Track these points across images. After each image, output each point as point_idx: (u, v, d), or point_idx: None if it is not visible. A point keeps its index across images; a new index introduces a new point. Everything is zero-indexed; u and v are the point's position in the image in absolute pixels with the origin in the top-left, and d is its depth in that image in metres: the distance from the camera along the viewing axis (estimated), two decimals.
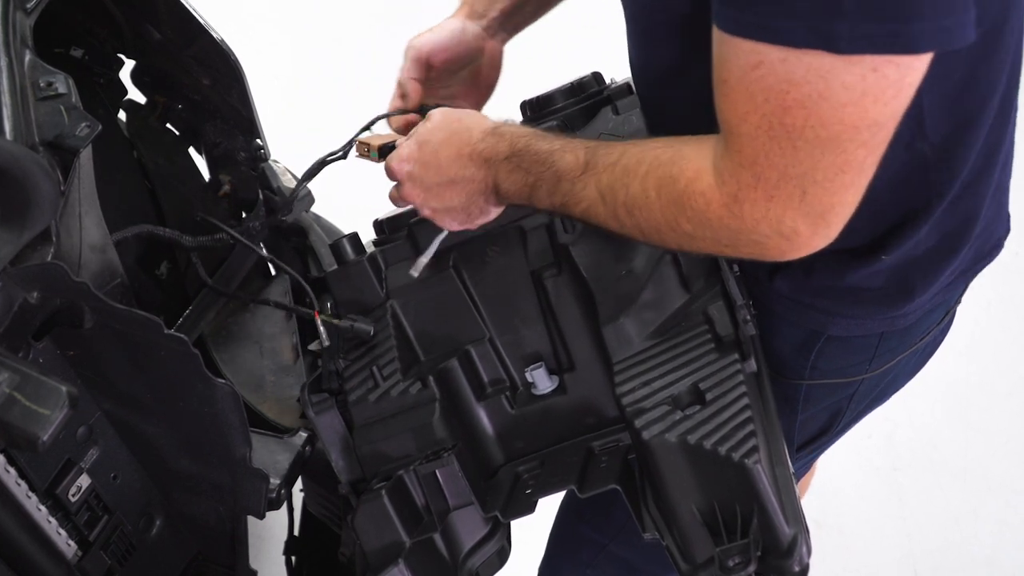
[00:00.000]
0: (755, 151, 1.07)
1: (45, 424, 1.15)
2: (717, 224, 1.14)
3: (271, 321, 2.05)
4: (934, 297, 1.42)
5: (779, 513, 1.22)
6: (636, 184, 1.20)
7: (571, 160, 1.27)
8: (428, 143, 1.37)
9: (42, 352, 1.36)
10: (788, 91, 1.02)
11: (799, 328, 1.43)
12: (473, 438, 1.48)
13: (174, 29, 1.88)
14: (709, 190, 1.13)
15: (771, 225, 1.11)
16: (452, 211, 1.39)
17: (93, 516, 1.49)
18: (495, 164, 1.33)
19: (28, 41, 1.49)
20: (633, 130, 1.44)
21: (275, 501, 1.58)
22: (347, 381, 1.50)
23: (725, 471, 1.22)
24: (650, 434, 1.25)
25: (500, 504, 1.40)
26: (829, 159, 1.05)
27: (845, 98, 1.00)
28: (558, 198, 1.28)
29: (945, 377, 2.96)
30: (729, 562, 1.19)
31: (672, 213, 1.18)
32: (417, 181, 1.38)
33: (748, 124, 1.06)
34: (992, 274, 1.57)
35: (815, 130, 1.03)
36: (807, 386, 1.49)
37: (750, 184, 1.09)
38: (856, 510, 2.73)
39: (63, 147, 1.38)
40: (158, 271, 2.06)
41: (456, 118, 1.38)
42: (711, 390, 1.27)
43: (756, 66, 1.02)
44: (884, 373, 1.51)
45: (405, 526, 1.40)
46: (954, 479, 2.77)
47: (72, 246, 1.39)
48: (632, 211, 1.21)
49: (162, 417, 1.48)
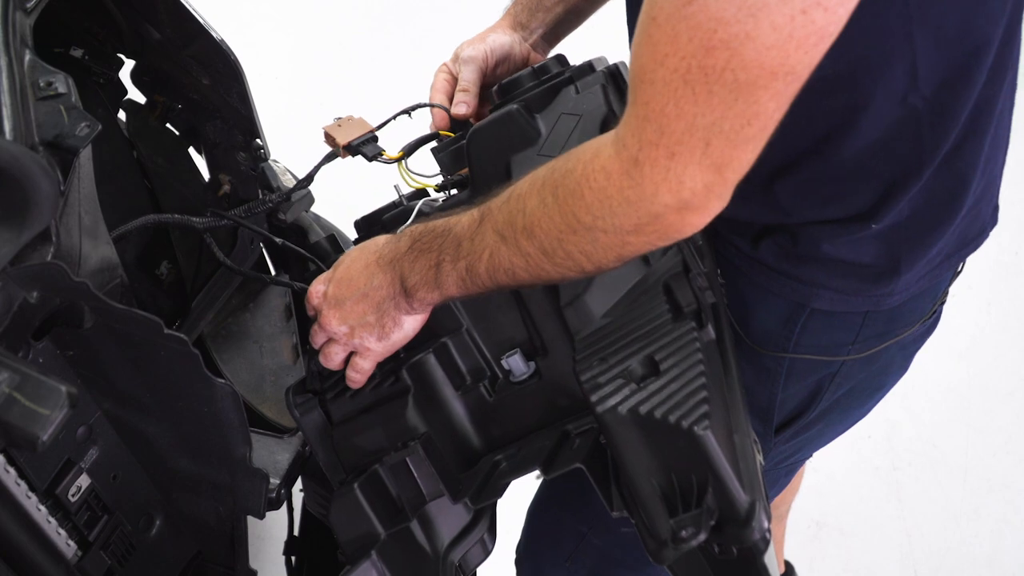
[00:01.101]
0: (664, 99, 1.06)
1: (45, 424, 1.14)
2: (617, 199, 1.13)
3: (271, 321, 2.05)
4: (920, 280, 1.42)
5: (734, 480, 1.19)
6: (532, 200, 1.20)
7: (466, 220, 1.28)
8: (341, 263, 1.42)
9: (42, 352, 1.36)
10: (716, 29, 1.01)
11: (783, 300, 1.43)
12: (451, 429, 1.48)
13: (174, 29, 1.88)
14: (608, 162, 1.12)
15: (671, 188, 1.09)
16: (368, 326, 1.40)
17: (93, 516, 1.49)
18: (399, 262, 1.35)
19: (28, 41, 1.49)
20: (593, 106, 1.43)
21: (275, 501, 1.58)
22: (327, 380, 1.51)
23: (677, 440, 1.19)
24: (603, 408, 1.23)
25: (471, 490, 1.40)
26: (740, 107, 1.04)
27: (771, 39, 1.00)
28: (462, 263, 1.28)
29: (945, 377, 2.97)
30: (682, 533, 1.16)
31: (570, 208, 1.16)
32: (332, 301, 1.41)
33: (665, 68, 1.05)
34: (992, 275, 1.58)
35: (735, 73, 1.02)
36: (790, 360, 1.48)
37: (652, 141, 1.08)
38: (856, 510, 2.73)
39: (63, 147, 1.37)
40: (158, 271, 2.06)
41: (368, 241, 1.43)
42: (665, 360, 1.25)
43: (688, 3, 1.01)
44: (868, 360, 1.50)
45: (380, 519, 1.41)
46: (954, 479, 2.77)
47: (72, 246, 1.39)
48: (532, 232, 1.21)
49: (162, 417, 1.48)
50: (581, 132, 1.41)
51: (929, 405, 2.91)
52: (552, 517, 1.81)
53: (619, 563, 1.73)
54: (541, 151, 1.42)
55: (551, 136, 1.43)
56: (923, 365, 2.84)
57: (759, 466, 1.27)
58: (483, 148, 1.46)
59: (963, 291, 3.06)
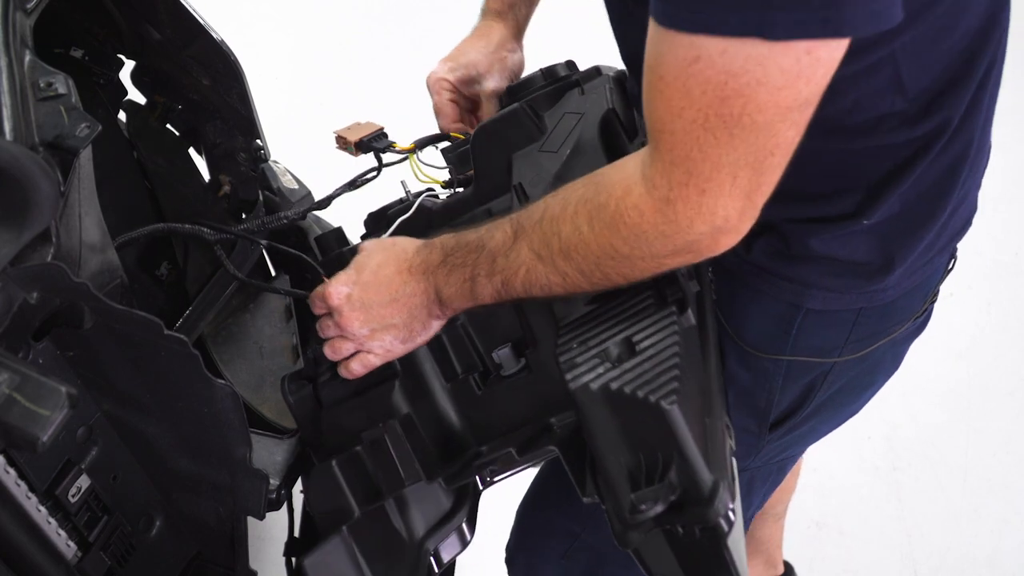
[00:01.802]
0: (688, 146, 1.09)
1: (45, 425, 1.14)
2: (653, 234, 1.17)
3: (271, 322, 2.05)
4: (913, 275, 1.43)
5: (699, 458, 1.19)
6: (567, 226, 1.23)
7: (500, 236, 1.30)
8: (366, 266, 1.41)
9: (42, 352, 1.36)
10: (727, 81, 1.04)
11: (778, 301, 1.43)
12: (438, 419, 1.49)
13: (174, 29, 1.88)
14: (640, 200, 1.16)
15: (705, 219, 1.13)
16: (393, 328, 1.42)
17: (93, 517, 1.49)
18: (433, 273, 1.37)
19: (28, 41, 1.49)
20: (595, 106, 1.45)
21: (275, 501, 1.58)
22: (320, 365, 1.53)
23: (644, 415, 1.19)
24: (576, 385, 1.24)
25: (447, 474, 1.42)
26: (762, 142, 1.08)
27: (781, 81, 1.03)
28: (497, 278, 1.31)
29: (945, 377, 2.97)
30: (641, 506, 1.17)
31: (607, 239, 1.20)
32: (356, 303, 1.41)
33: (683, 119, 1.08)
34: (991, 275, 1.58)
35: (752, 116, 1.05)
36: (787, 362, 1.49)
37: (682, 181, 1.12)
38: (856, 510, 2.72)
39: (63, 147, 1.37)
40: (159, 272, 2.06)
41: (390, 242, 1.42)
42: (642, 342, 1.26)
43: (694, 60, 1.04)
44: (860, 359, 1.51)
45: (357, 498, 1.42)
46: (954, 479, 2.77)
47: (72, 246, 1.39)
48: (569, 254, 1.24)
49: (162, 417, 1.48)
50: (580, 129, 1.42)
51: (929, 405, 2.90)
52: (542, 515, 1.81)
53: (612, 561, 1.72)
54: (542, 148, 1.43)
55: (552, 134, 1.44)
56: (923, 365, 2.86)
57: (729, 450, 1.28)
58: (486, 144, 1.48)
59: (963, 291, 3.07)
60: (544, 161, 1.43)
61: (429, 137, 1.62)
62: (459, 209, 1.49)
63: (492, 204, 1.48)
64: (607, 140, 1.42)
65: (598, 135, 1.41)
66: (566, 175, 1.40)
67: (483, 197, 1.48)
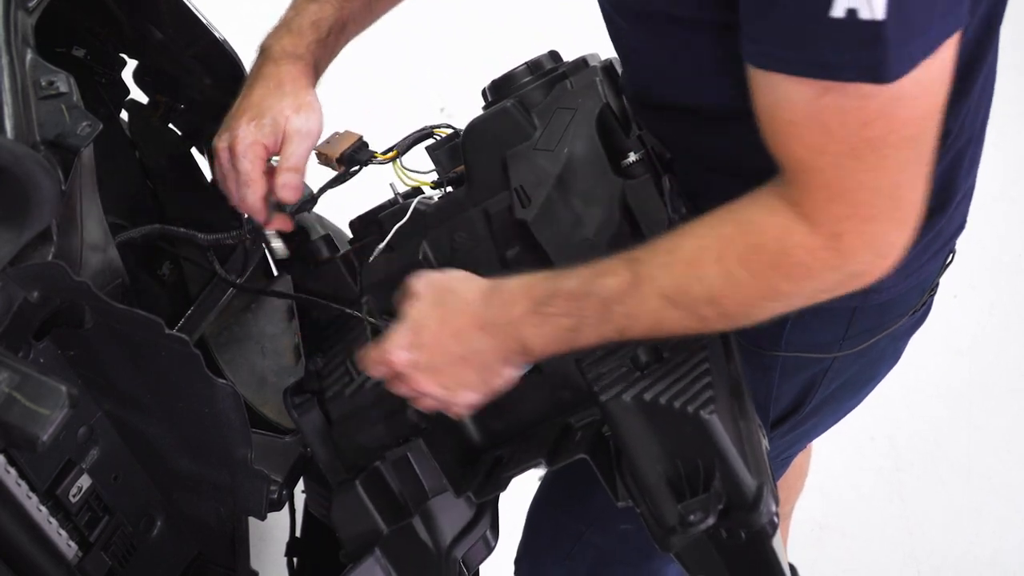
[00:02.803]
0: (841, 178, 1.07)
1: (45, 424, 1.14)
2: (820, 268, 1.12)
3: (273, 322, 2.05)
4: (908, 278, 1.42)
5: (741, 464, 1.20)
6: (712, 269, 1.15)
7: (613, 283, 1.19)
8: (425, 327, 1.28)
9: (42, 352, 1.36)
10: (863, 107, 1.02)
11: None
12: (451, 425, 1.47)
13: (176, 29, 1.88)
14: (806, 239, 1.10)
15: (872, 247, 1.11)
16: (468, 385, 1.30)
17: (94, 517, 1.48)
18: (514, 326, 1.24)
19: (30, 40, 1.49)
20: (588, 100, 1.42)
21: (276, 502, 1.57)
22: (325, 379, 1.51)
23: (683, 426, 1.20)
24: (607, 396, 1.23)
25: (474, 485, 1.40)
26: (915, 155, 1.06)
27: (917, 91, 1.02)
28: (611, 326, 1.20)
29: (948, 377, 2.96)
30: (690, 517, 1.17)
31: (768, 281, 1.14)
32: (423, 367, 1.29)
33: (828, 154, 1.06)
34: (994, 274, 1.57)
35: (898, 133, 1.04)
36: (783, 358, 1.49)
37: (846, 215, 1.09)
38: (859, 511, 2.72)
39: (64, 146, 1.37)
40: (160, 271, 2.05)
41: (444, 288, 1.29)
42: (669, 348, 1.25)
43: (822, 94, 1.03)
44: (859, 354, 1.50)
45: (383, 515, 1.41)
46: (957, 479, 2.76)
47: (72, 246, 1.39)
48: (714, 299, 1.16)
49: (163, 417, 1.47)
50: (575, 126, 1.40)
51: (931, 405, 2.90)
52: (549, 516, 1.81)
53: (618, 560, 1.73)
54: (536, 146, 1.41)
55: (546, 131, 1.42)
56: (926, 365, 2.86)
57: (765, 451, 1.28)
58: (479, 144, 1.45)
59: (966, 291, 3.07)
60: (541, 161, 1.41)
61: (411, 139, 1.56)
62: (452, 210, 1.47)
63: (487, 204, 1.47)
64: (605, 139, 1.41)
65: (596, 133, 1.40)
66: (568, 177, 1.39)
67: (477, 197, 1.46)
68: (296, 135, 1.44)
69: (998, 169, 3.17)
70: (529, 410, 1.46)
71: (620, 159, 1.40)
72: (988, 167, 1.57)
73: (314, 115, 1.46)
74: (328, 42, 1.53)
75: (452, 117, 1.58)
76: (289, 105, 1.45)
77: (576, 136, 1.41)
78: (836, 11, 0.98)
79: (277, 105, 1.46)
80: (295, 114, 1.45)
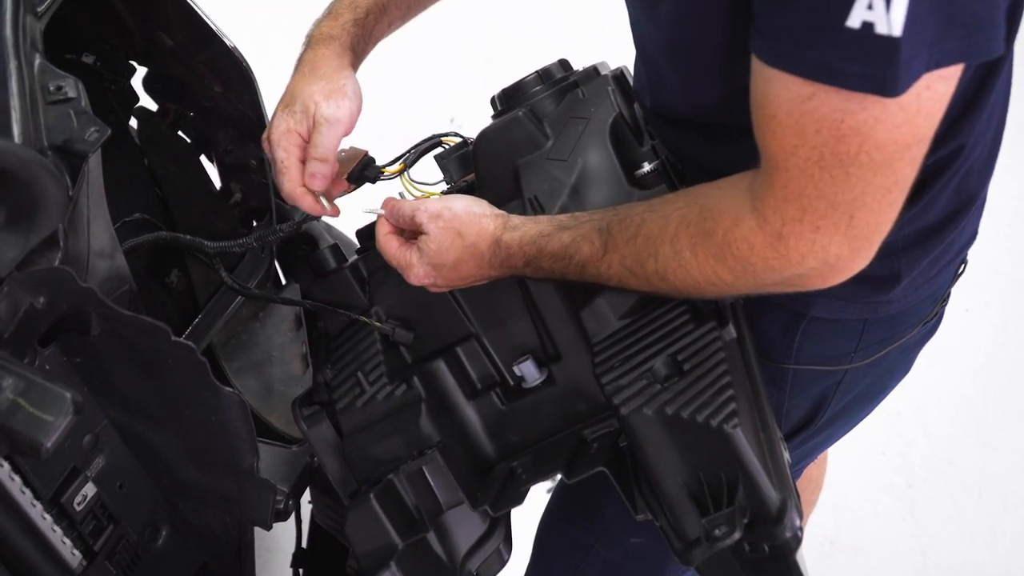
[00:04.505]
0: (803, 183, 1.08)
1: (49, 431, 1.14)
2: (761, 267, 1.15)
3: (280, 331, 2.05)
4: (919, 289, 1.42)
5: (764, 477, 1.20)
6: (666, 248, 1.21)
7: (587, 249, 1.28)
8: (442, 265, 1.35)
9: (48, 358, 1.35)
10: (843, 120, 1.03)
11: (782, 309, 1.42)
12: (464, 437, 1.47)
13: (186, 36, 1.88)
14: (751, 233, 1.14)
15: (817, 256, 1.12)
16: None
17: (98, 525, 1.47)
18: (513, 271, 1.35)
19: (38, 45, 1.49)
20: (601, 110, 1.42)
21: (282, 512, 1.57)
22: (335, 390, 1.49)
23: (706, 440, 1.20)
24: (628, 409, 1.24)
25: (490, 498, 1.39)
26: (880, 180, 1.06)
27: (900, 118, 1.02)
28: (588, 280, 1.31)
29: (961, 394, 2.95)
30: (715, 532, 1.17)
31: (711, 267, 1.19)
32: (440, 286, 1.39)
33: (797, 157, 1.07)
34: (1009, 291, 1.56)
35: (869, 154, 1.04)
36: (793, 371, 1.48)
37: (795, 218, 1.10)
38: (870, 528, 2.70)
39: (72, 151, 1.37)
40: (168, 279, 2.05)
41: (455, 232, 1.34)
42: (689, 360, 1.26)
43: (808, 98, 1.03)
44: (872, 366, 1.50)
45: (397, 529, 1.40)
46: (970, 497, 2.74)
47: (79, 251, 1.38)
48: (666, 276, 1.23)
49: (169, 425, 1.47)
50: (588, 135, 1.40)
51: (944, 422, 2.88)
52: (559, 529, 1.80)
53: (627, 573, 1.71)
54: (549, 155, 1.41)
55: (558, 140, 1.42)
56: (939, 382, 2.85)
57: (787, 463, 1.27)
58: (490, 153, 1.45)
59: (980, 308, 3.05)
60: (554, 170, 1.41)
61: (420, 149, 1.55)
62: None
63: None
64: (619, 149, 1.40)
65: (609, 143, 1.40)
66: (582, 187, 1.39)
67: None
68: (324, 123, 1.42)
69: (1013, 187, 3.16)
70: (544, 422, 1.46)
71: (634, 169, 1.40)
72: (1003, 183, 1.56)
73: (345, 101, 1.43)
74: (367, 23, 1.51)
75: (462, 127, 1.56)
76: (320, 90, 1.43)
77: (589, 146, 1.40)
78: (852, 21, 0.98)
79: (308, 90, 1.44)
80: (324, 100, 1.42)
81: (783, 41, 1.03)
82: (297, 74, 1.48)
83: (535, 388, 1.46)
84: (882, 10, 0.97)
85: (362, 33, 1.51)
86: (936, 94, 1.03)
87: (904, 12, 0.97)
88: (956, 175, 1.32)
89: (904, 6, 0.97)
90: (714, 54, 1.24)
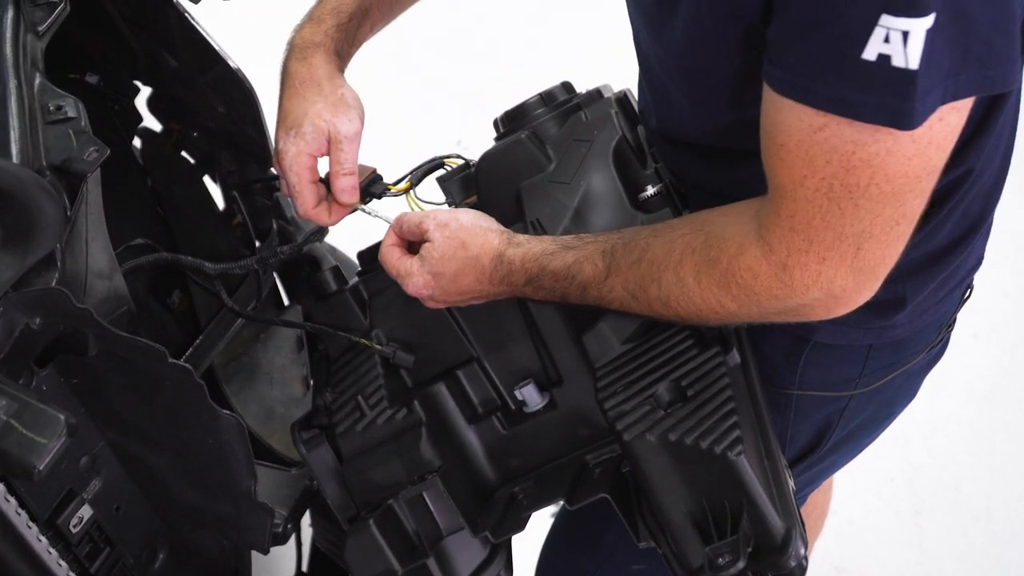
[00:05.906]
0: (810, 213, 1.08)
1: (42, 453, 1.13)
2: (765, 296, 1.15)
3: (281, 353, 2.04)
4: (924, 314, 1.41)
5: (769, 505, 1.20)
6: (670, 275, 1.21)
7: (590, 271, 1.28)
8: (442, 275, 1.36)
9: (45, 379, 1.34)
10: (854, 151, 1.03)
11: (786, 334, 1.42)
12: (465, 461, 1.46)
13: (189, 56, 1.88)
14: (755, 262, 1.14)
15: (822, 287, 1.12)
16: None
17: (94, 548, 1.46)
18: (514, 289, 1.35)
19: (39, 64, 1.48)
20: (604, 132, 1.42)
21: (280, 536, 1.55)
22: (335, 414, 1.49)
23: (709, 466, 1.19)
24: (631, 435, 1.23)
25: (491, 524, 1.38)
26: (888, 212, 1.06)
27: (912, 150, 1.02)
28: (589, 302, 1.31)
29: (969, 420, 2.93)
30: (719, 560, 1.16)
31: (714, 295, 1.19)
32: (439, 299, 1.39)
33: (806, 187, 1.07)
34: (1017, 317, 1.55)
35: (879, 186, 1.04)
36: (797, 396, 1.48)
37: (801, 248, 1.10)
38: (877, 555, 2.69)
39: (71, 171, 1.36)
40: (170, 300, 2.04)
41: (459, 243, 1.34)
42: (692, 386, 1.26)
43: (820, 128, 1.03)
44: (877, 392, 1.49)
45: (397, 555, 1.39)
46: (977, 524, 2.73)
47: (78, 272, 1.38)
48: (668, 302, 1.23)
49: (166, 448, 1.46)
50: (592, 158, 1.40)
51: (952, 448, 2.87)
52: (561, 555, 1.79)
53: None
54: (552, 178, 1.41)
55: (561, 163, 1.41)
56: (945, 407, 2.83)
57: (791, 491, 1.27)
58: (492, 175, 1.45)
59: (987, 334, 3.04)
60: (558, 194, 1.40)
61: (423, 169, 1.56)
62: None
63: None
64: (622, 172, 1.39)
65: (612, 166, 1.39)
66: (585, 211, 1.39)
67: None
68: (344, 140, 1.44)
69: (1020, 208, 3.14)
70: (546, 447, 1.45)
71: (637, 192, 1.39)
72: (1009, 205, 1.55)
73: (352, 112, 1.46)
74: (349, 28, 1.52)
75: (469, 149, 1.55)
76: (325, 108, 1.44)
77: (592, 169, 1.40)
78: (868, 54, 0.98)
79: (312, 110, 1.44)
80: (335, 118, 1.44)
81: (797, 72, 1.03)
82: (289, 89, 1.48)
83: (537, 413, 1.45)
84: (899, 44, 0.97)
85: (345, 37, 1.52)
86: (948, 126, 1.03)
87: (921, 46, 0.97)
88: (963, 200, 1.31)
89: (922, 40, 0.96)
90: (724, 80, 1.24)
